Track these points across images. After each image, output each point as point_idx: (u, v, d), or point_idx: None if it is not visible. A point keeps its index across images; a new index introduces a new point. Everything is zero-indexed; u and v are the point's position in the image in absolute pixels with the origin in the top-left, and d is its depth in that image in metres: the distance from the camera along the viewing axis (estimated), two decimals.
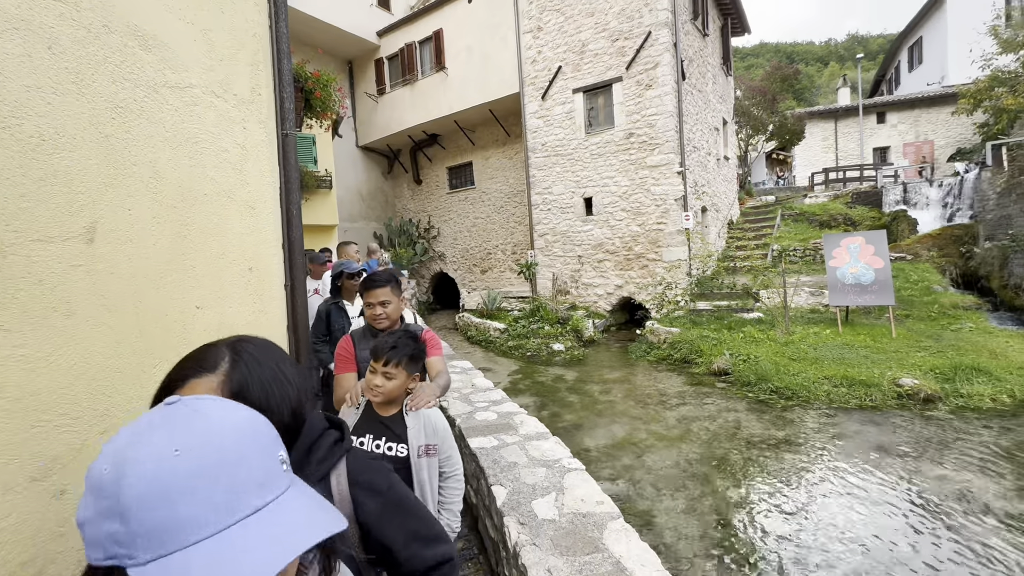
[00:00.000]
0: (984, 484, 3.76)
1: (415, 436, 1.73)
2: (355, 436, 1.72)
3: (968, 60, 16.85)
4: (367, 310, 2.21)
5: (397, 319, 2.22)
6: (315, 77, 5.14)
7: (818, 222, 13.51)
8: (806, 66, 44.83)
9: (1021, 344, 6.71)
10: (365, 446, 1.71)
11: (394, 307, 2.19)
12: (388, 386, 1.72)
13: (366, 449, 1.72)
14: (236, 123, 1.80)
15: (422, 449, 1.73)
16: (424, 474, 1.72)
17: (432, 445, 1.75)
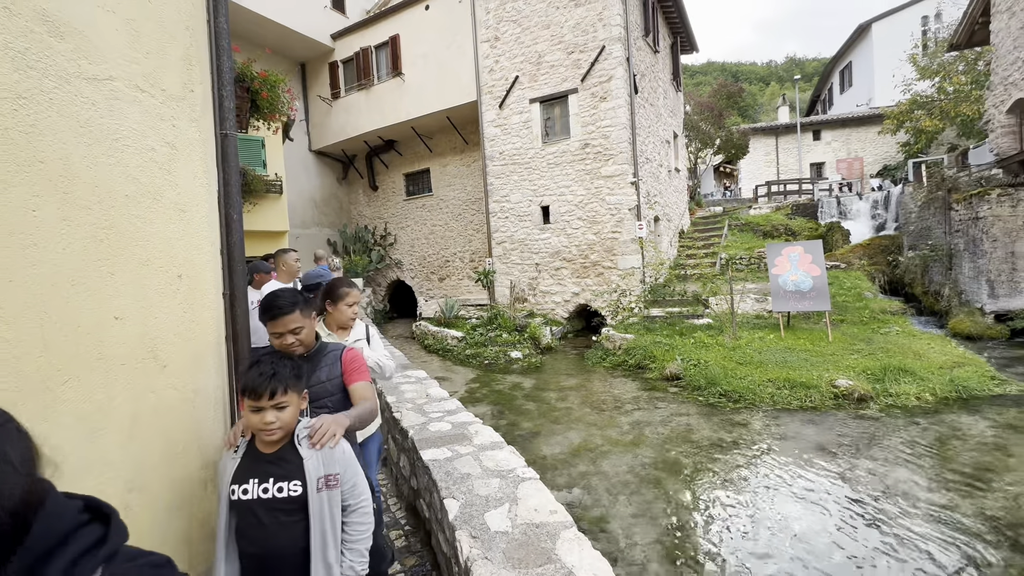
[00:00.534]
0: (911, 478, 4.02)
1: (313, 468, 1.49)
2: (236, 484, 1.47)
3: (891, 84, 18.34)
4: (274, 340, 1.85)
5: (312, 342, 1.98)
6: (262, 77, 4.95)
7: (762, 232, 14.22)
8: (750, 85, 47.40)
9: (941, 346, 7.27)
10: (250, 493, 1.46)
11: (308, 331, 1.92)
12: (284, 417, 1.49)
13: (251, 497, 1.45)
14: (165, 120, 1.68)
15: (322, 481, 1.50)
16: (325, 511, 1.49)
17: (334, 475, 1.53)
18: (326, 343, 2.08)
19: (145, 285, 1.57)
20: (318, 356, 2.00)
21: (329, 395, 1.95)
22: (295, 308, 1.84)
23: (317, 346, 2.02)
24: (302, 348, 1.91)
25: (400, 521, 3.34)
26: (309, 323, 1.93)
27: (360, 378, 2.00)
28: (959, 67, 14.51)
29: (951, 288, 9.68)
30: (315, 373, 1.94)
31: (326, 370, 1.98)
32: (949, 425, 4.98)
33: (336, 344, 2.12)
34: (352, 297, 2.55)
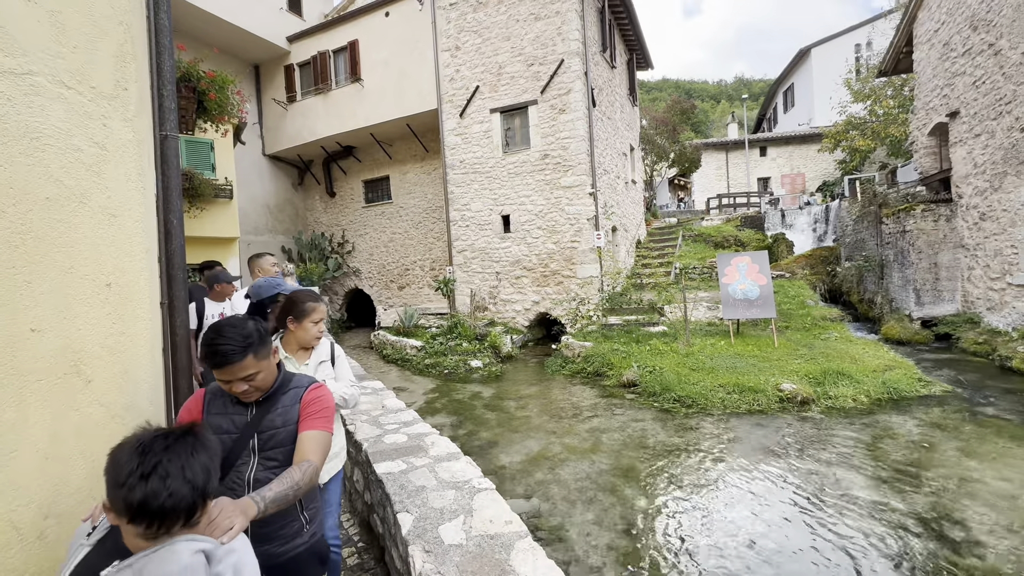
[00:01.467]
0: (848, 476, 4.25)
1: None
2: None
3: (829, 106, 19.65)
4: (223, 386, 1.55)
5: (271, 382, 1.61)
6: (210, 77, 4.76)
7: (713, 242, 14.82)
8: (702, 102, 49.59)
9: (874, 350, 7.77)
10: None
11: (265, 375, 1.56)
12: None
13: None
14: (94, 119, 1.58)
15: None
16: None
17: None
18: (291, 376, 1.71)
19: (68, 295, 1.47)
20: (276, 396, 1.63)
21: (280, 446, 1.58)
22: (247, 353, 1.48)
23: (278, 381, 1.65)
24: (259, 393, 1.58)
25: (353, 538, 3.23)
26: (268, 363, 1.58)
27: (315, 425, 1.60)
28: (888, 92, 15.72)
29: (883, 296, 10.38)
30: (268, 416, 1.59)
31: (282, 414, 1.61)
32: (882, 425, 5.31)
33: (302, 378, 1.72)
34: (318, 313, 2.29)
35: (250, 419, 1.59)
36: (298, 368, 2.27)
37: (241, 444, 1.56)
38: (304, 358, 2.33)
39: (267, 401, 1.61)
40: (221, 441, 1.44)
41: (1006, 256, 8.07)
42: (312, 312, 2.27)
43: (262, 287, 2.74)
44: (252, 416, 1.59)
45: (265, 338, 1.57)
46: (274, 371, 1.63)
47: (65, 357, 1.46)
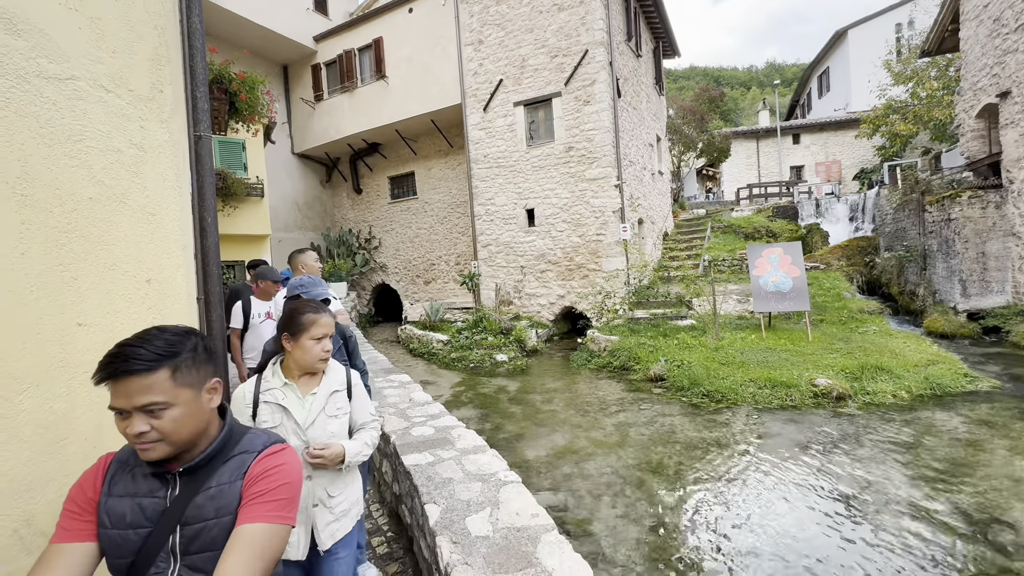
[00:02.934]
0: (888, 474, 4.09)
1: None
2: None
3: (867, 89, 18.81)
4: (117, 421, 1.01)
5: (192, 436, 1.05)
6: (240, 79, 4.88)
7: (744, 234, 14.43)
8: (731, 89, 48.19)
9: (915, 344, 7.44)
10: None
11: (183, 416, 1.01)
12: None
13: None
14: (132, 121, 1.64)
15: None
16: None
17: None
18: (241, 432, 1.16)
19: (111, 290, 1.53)
20: (213, 464, 1.08)
21: (213, 548, 1.03)
22: (160, 364, 0.98)
23: (218, 441, 1.10)
24: (165, 448, 1.00)
25: (383, 527, 3.30)
26: (193, 401, 1.04)
27: (259, 514, 1.03)
28: (931, 73, 14.94)
29: (925, 288, 9.92)
30: (198, 499, 1.04)
31: (218, 495, 1.06)
32: (924, 422, 5.09)
33: (257, 437, 1.15)
34: (319, 327, 1.77)
35: (171, 503, 1.03)
36: (301, 401, 1.77)
37: (156, 544, 1.02)
38: (310, 386, 1.82)
39: (198, 472, 1.06)
40: (124, 540, 1.01)
41: None
42: (311, 326, 1.75)
43: (305, 285, 2.43)
44: (173, 499, 1.04)
45: (201, 359, 1.06)
46: (205, 419, 1.07)
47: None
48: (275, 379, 1.80)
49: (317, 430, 1.77)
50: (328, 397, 1.83)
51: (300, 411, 1.77)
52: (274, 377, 1.81)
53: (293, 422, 1.74)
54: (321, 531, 1.76)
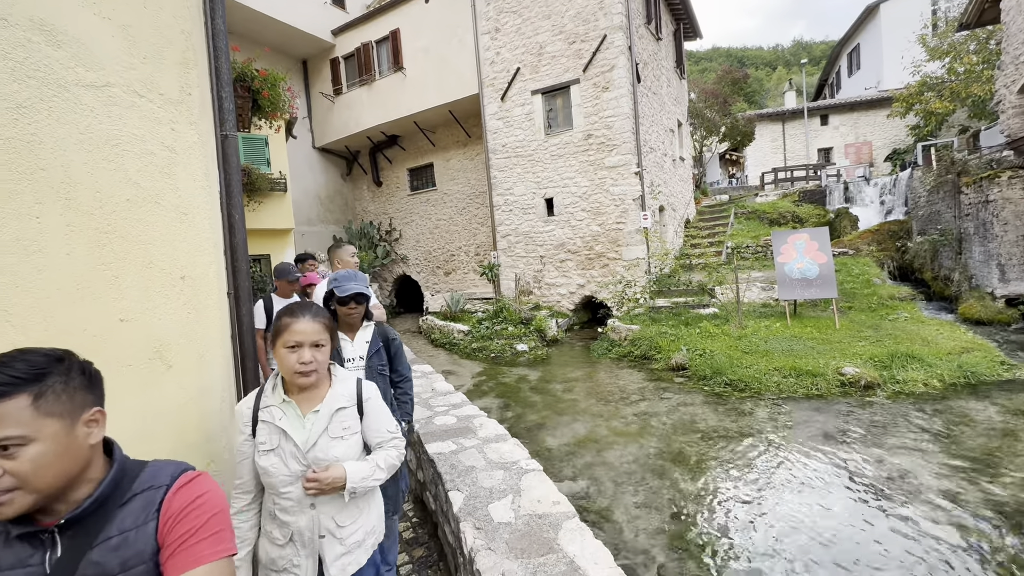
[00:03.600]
0: (917, 464, 4.01)
1: None
2: None
3: (900, 66, 18.02)
4: None
5: (76, 472, 0.87)
6: (262, 76, 4.97)
7: (768, 220, 14.10)
8: (756, 70, 46.74)
9: (949, 331, 7.21)
10: None
11: (48, 454, 0.83)
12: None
13: None
14: (163, 124, 1.71)
15: None
16: None
17: None
18: (137, 468, 0.97)
19: (149, 287, 1.61)
20: (104, 511, 0.89)
21: None
22: (19, 390, 0.81)
23: (106, 484, 0.90)
24: (25, 499, 0.81)
25: (408, 513, 3.39)
26: (55, 433, 0.83)
27: (202, 554, 0.90)
28: (970, 46, 14.21)
29: (961, 273, 9.56)
30: (90, 557, 0.85)
31: (120, 546, 0.88)
32: (957, 411, 4.95)
33: (161, 468, 0.98)
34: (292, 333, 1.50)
35: (52, 570, 0.83)
36: (301, 420, 1.53)
37: None
38: (312, 402, 1.56)
39: (87, 523, 0.87)
40: None
41: None
42: (282, 332, 1.50)
43: (339, 280, 2.21)
44: (55, 563, 0.84)
45: (77, 384, 0.88)
46: (81, 458, 0.87)
47: (149, 344, 1.61)
48: (275, 394, 1.57)
49: (319, 453, 1.52)
50: (332, 416, 1.56)
51: (300, 432, 1.52)
52: (274, 392, 1.57)
53: (292, 444, 1.50)
54: (330, 565, 1.53)
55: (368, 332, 2.33)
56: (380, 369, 2.30)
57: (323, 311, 1.62)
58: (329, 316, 1.63)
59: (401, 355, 2.45)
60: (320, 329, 1.54)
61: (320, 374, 1.56)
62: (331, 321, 1.62)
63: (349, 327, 2.30)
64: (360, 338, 2.31)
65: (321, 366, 1.54)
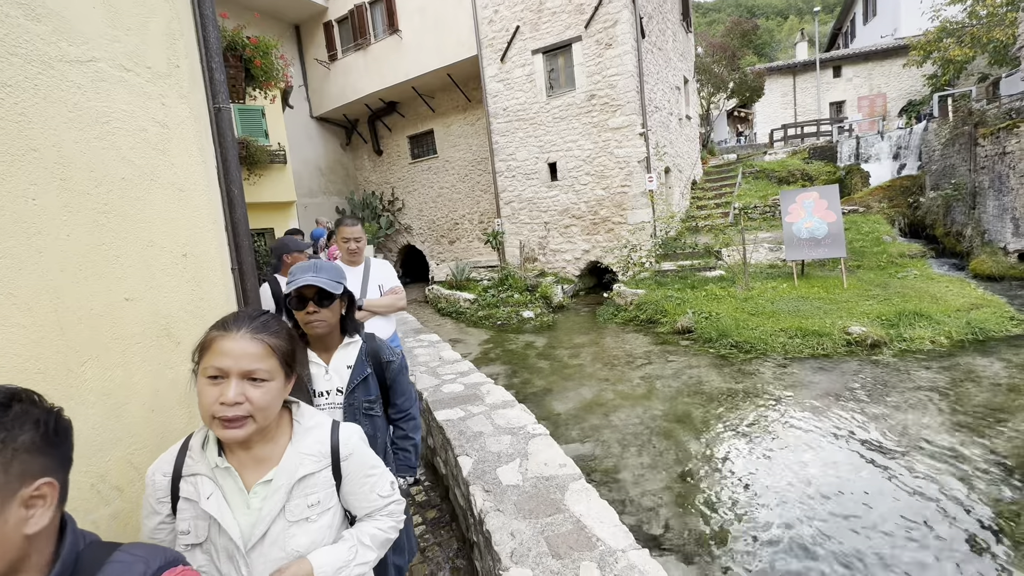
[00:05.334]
0: (922, 421, 4.05)
1: None
2: None
3: (919, 11, 17.16)
4: None
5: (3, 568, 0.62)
6: (253, 44, 4.83)
7: (777, 178, 13.81)
8: (766, 20, 44.74)
9: (959, 288, 7.14)
10: None
11: None
12: None
13: None
14: (153, 99, 1.67)
15: None
16: None
17: None
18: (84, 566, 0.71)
19: (151, 266, 1.62)
20: None
21: None
22: None
23: None
24: None
25: (420, 478, 3.50)
26: None
27: None
28: None
29: (974, 228, 9.38)
30: None
31: None
32: (963, 368, 4.96)
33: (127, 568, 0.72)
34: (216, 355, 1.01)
35: None
36: (244, 497, 1.04)
37: None
38: (260, 467, 1.06)
39: None
40: None
41: None
42: (204, 351, 1.03)
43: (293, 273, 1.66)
44: None
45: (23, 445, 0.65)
46: (11, 548, 0.63)
47: (156, 322, 1.63)
48: (204, 454, 1.05)
49: (272, 550, 1.02)
50: (292, 488, 1.05)
51: (242, 515, 1.02)
52: (204, 450, 1.05)
53: (227, 539, 1.00)
54: None
55: (351, 352, 1.67)
56: (367, 408, 1.66)
57: (276, 324, 1.09)
58: (288, 332, 1.12)
59: (402, 382, 1.78)
60: (260, 353, 1.00)
61: (261, 424, 1.00)
62: (288, 340, 1.08)
63: (322, 345, 1.65)
64: (339, 361, 1.65)
65: (261, 411, 0.99)
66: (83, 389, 1.37)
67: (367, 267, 2.82)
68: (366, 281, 2.76)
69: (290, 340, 1.10)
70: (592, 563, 1.70)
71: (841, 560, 2.66)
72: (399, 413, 1.79)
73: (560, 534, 1.87)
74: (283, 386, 1.07)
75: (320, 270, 1.58)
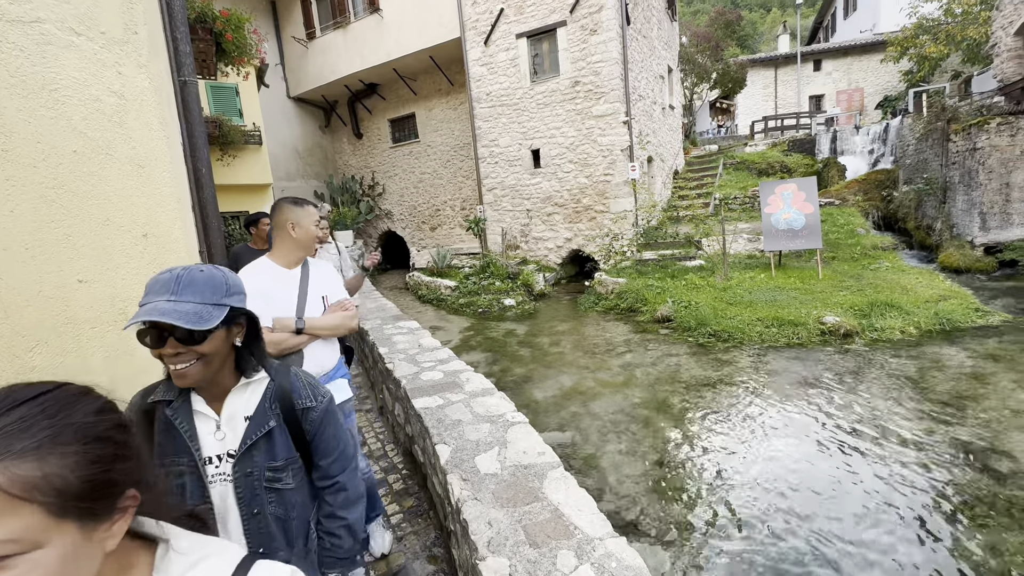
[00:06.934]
0: (890, 408, 4.17)
1: None
2: None
3: (898, 7, 17.41)
4: None
5: None
6: (224, 17, 4.61)
7: (757, 170, 13.97)
8: (750, 12, 44.92)
9: (928, 280, 7.35)
10: None
11: None
12: None
13: None
14: (108, 67, 1.56)
15: None
16: None
17: None
18: None
19: (108, 246, 1.52)
20: None
21: None
22: None
23: None
24: None
25: (398, 466, 3.47)
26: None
27: None
28: None
29: (943, 222, 9.66)
30: None
31: None
32: (930, 357, 5.11)
33: None
34: None
35: None
36: None
37: None
38: None
39: None
40: None
41: None
42: None
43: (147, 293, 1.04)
44: None
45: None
46: None
47: (114, 305, 1.54)
48: None
49: None
50: None
51: None
52: None
53: None
54: None
55: (252, 397, 1.14)
56: (272, 479, 1.13)
57: (39, 424, 0.52)
58: (90, 424, 0.56)
59: (328, 436, 1.22)
60: None
61: None
62: (78, 449, 0.53)
63: (210, 390, 1.10)
64: (234, 409, 1.12)
65: None
66: (31, 377, 1.29)
67: (305, 271, 1.97)
68: (304, 291, 1.93)
69: (85, 447, 0.53)
70: (570, 551, 1.69)
71: (811, 542, 2.72)
72: (325, 480, 1.23)
73: (538, 522, 1.86)
74: (78, 547, 0.52)
75: (183, 289, 0.98)
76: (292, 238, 1.91)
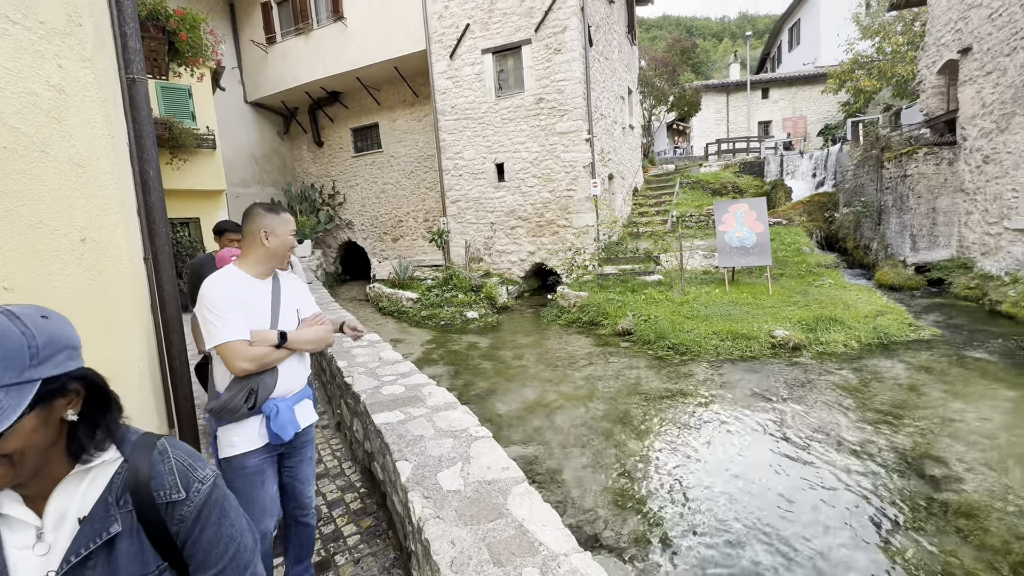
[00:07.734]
0: (835, 418, 4.38)
1: None
2: None
3: (836, 43, 18.78)
4: None
5: None
6: (179, 16, 4.43)
7: (711, 189, 14.59)
8: (703, 41, 47.37)
9: (867, 296, 7.84)
10: None
11: None
12: None
13: None
14: (47, 59, 1.45)
15: None
16: None
17: None
18: None
19: (39, 250, 1.40)
20: None
21: None
22: None
23: None
24: None
25: (355, 484, 3.34)
26: None
27: None
28: (898, 27, 15.00)
29: (879, 242, 10.36)
30: None
31: None
32: (870, 369, 5.43)
33: None
34: None
35: None
36: None
37: None
38: None
39: None
40: None
41: (1006, 200, 7.99)
42: None
43: None
44: None
45: None
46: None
47: None
48: None
49: None
50: None
51: None
52: None
53: None
54: None
55: (91, 487, 0.77)
56: None
57: None
58: None
59: (212, 535, 0.82)
60: None
61: None
62: None
63: (37, 487, 0.74)
64: (65, 507, 0.75)
65: None
66: None
67: (277, 283, 1.87)
68: (278, 304, 1.84)
69: None
70: (535, 569, 1.66)
71: (766, 548, 2.79)
72: None
73: (502, 540, 1.82)
74: None
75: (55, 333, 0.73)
76: (264, 247, 1.78)
